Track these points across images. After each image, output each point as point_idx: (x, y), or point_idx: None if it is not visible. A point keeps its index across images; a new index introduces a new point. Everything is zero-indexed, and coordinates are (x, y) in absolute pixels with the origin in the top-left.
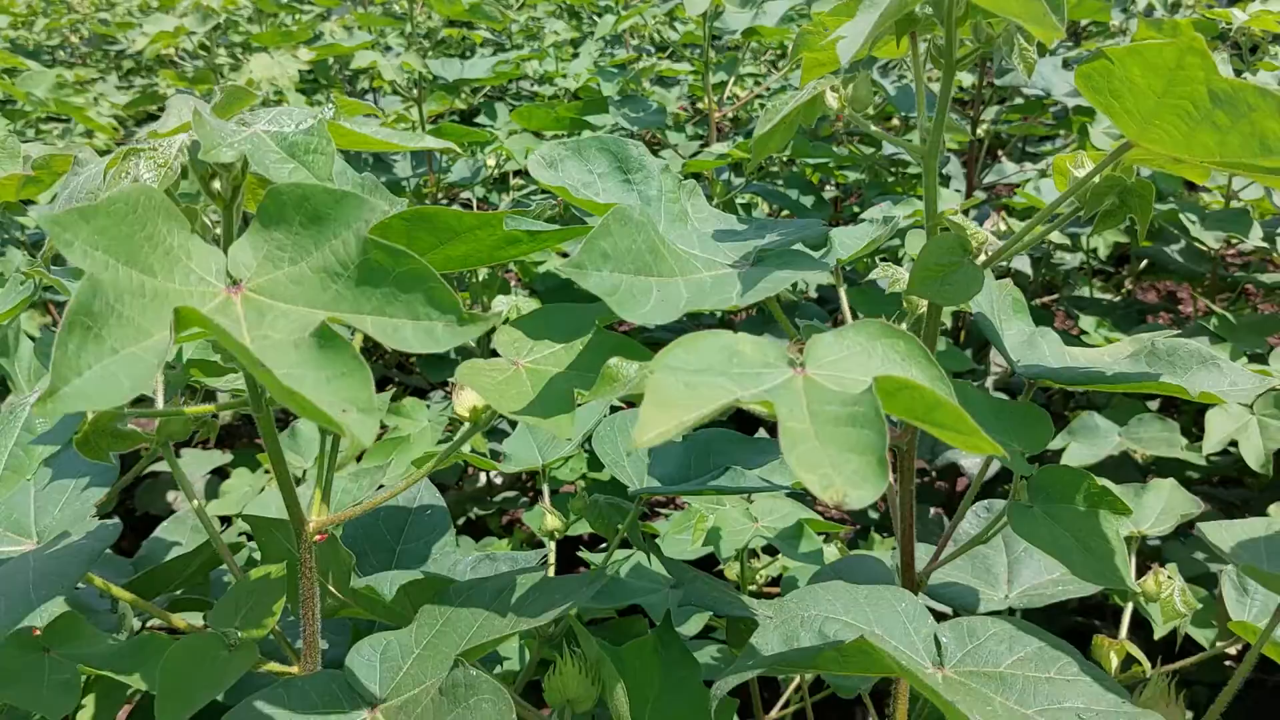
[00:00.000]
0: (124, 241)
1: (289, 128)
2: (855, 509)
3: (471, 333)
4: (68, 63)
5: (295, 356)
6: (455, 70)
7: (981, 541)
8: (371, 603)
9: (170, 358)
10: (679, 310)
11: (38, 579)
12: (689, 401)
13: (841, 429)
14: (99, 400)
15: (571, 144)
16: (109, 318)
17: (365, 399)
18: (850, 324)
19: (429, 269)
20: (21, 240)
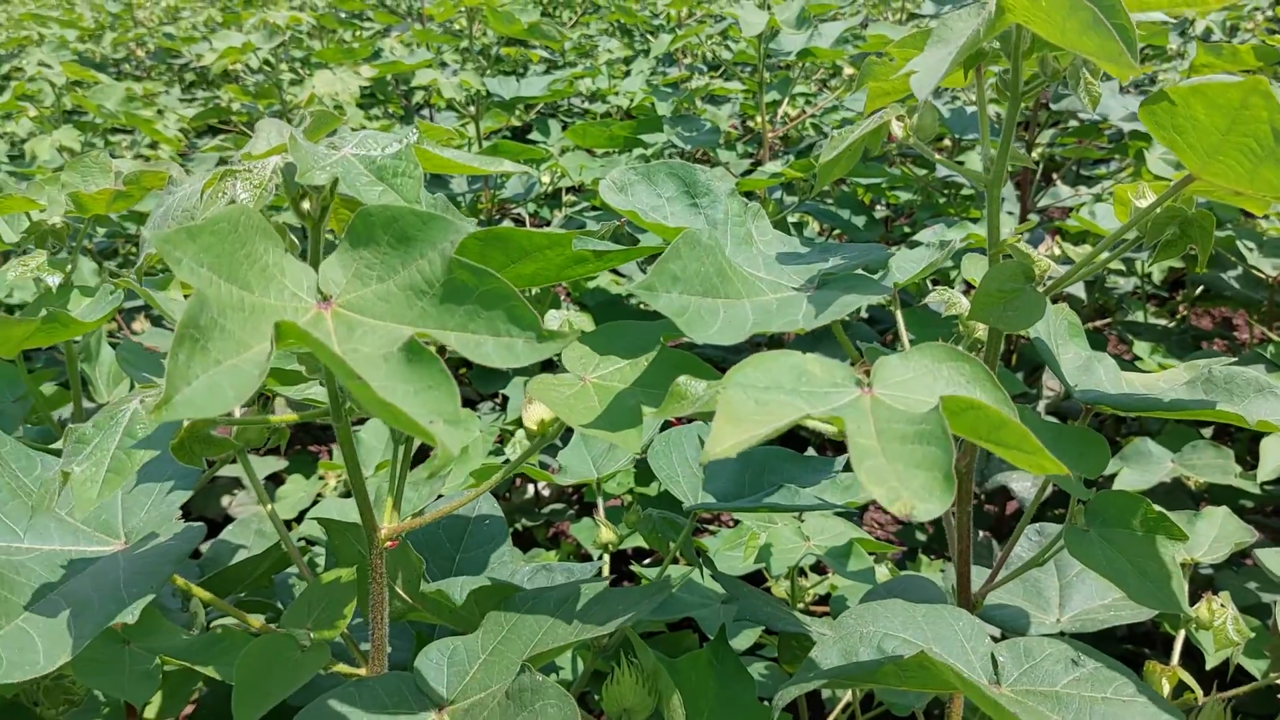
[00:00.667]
0: (226, 259)
1: (375, 152)
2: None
3: (551, 349)
4: (133, 76)
5: (385, 369)
6: (511, 88)
7: (1037, 564)
8: (440, 607)
9: (267, 371)
10: (745, 332)
11: (128, 577)
12: (760, 417)
13: (908, 446)
14: (206, 408)
15: (641, 169)
16: (213, 331)
17: (452, 411)
18: (916, 347)
19: (510, 288)
20: (89, 249)
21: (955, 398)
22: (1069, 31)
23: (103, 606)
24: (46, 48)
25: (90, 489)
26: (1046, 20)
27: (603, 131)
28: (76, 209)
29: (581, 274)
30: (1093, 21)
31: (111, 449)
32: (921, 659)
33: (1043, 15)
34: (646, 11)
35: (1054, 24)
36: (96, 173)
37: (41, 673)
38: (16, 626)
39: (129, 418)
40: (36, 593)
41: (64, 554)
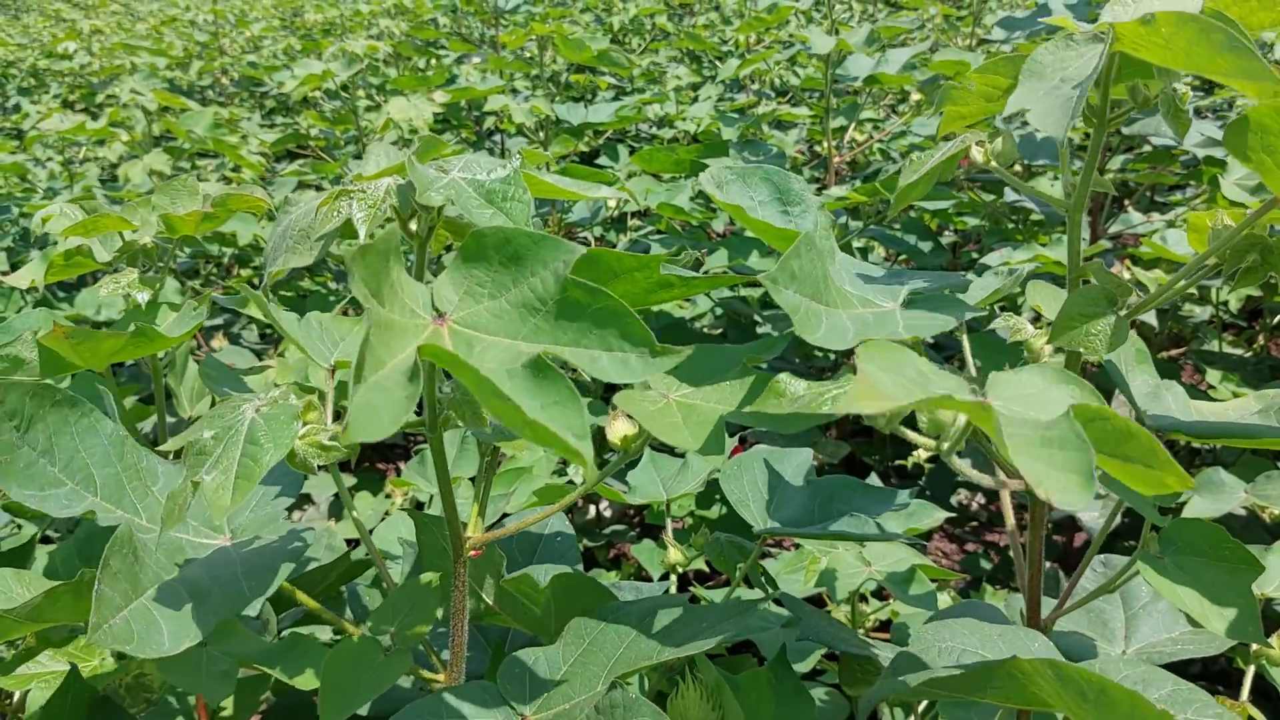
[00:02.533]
0: (376, 276)
1: (482, 175)
2: (1070, 510)
3: (664, 364)
4: (217, 102)
5: (511, 385)
6: (580, 114)
7: (1108, 590)
8: (519, 605)
9: (418, 392)
10: (849, 340)
11: (246, 571)
12: (898, 391)
13: (1038, 449)
14: (370, 429)
15: (737, 169)
16: (367, 349)
17: (580, 425)
18: (1026, 368)
19: (624, 306)
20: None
21: (1084, 406)
22: (1195, 56)
23: (224, 597)
24: (138, 76)
25: (223, 496)
26: (1165, 47)
27: (668, 157)
28: (166, 230)
29: (666, 299)
30: (1227, 42)
31: (237, 457)
32: (1012, 667)
33: (1161, 42)
34: (715, 38)
35: (1174, 50)
36: (185, 195)
37: (167, 654)
38: (142, 605)
39: (248, 427)
40: (157, 576)
41: (176, 542)
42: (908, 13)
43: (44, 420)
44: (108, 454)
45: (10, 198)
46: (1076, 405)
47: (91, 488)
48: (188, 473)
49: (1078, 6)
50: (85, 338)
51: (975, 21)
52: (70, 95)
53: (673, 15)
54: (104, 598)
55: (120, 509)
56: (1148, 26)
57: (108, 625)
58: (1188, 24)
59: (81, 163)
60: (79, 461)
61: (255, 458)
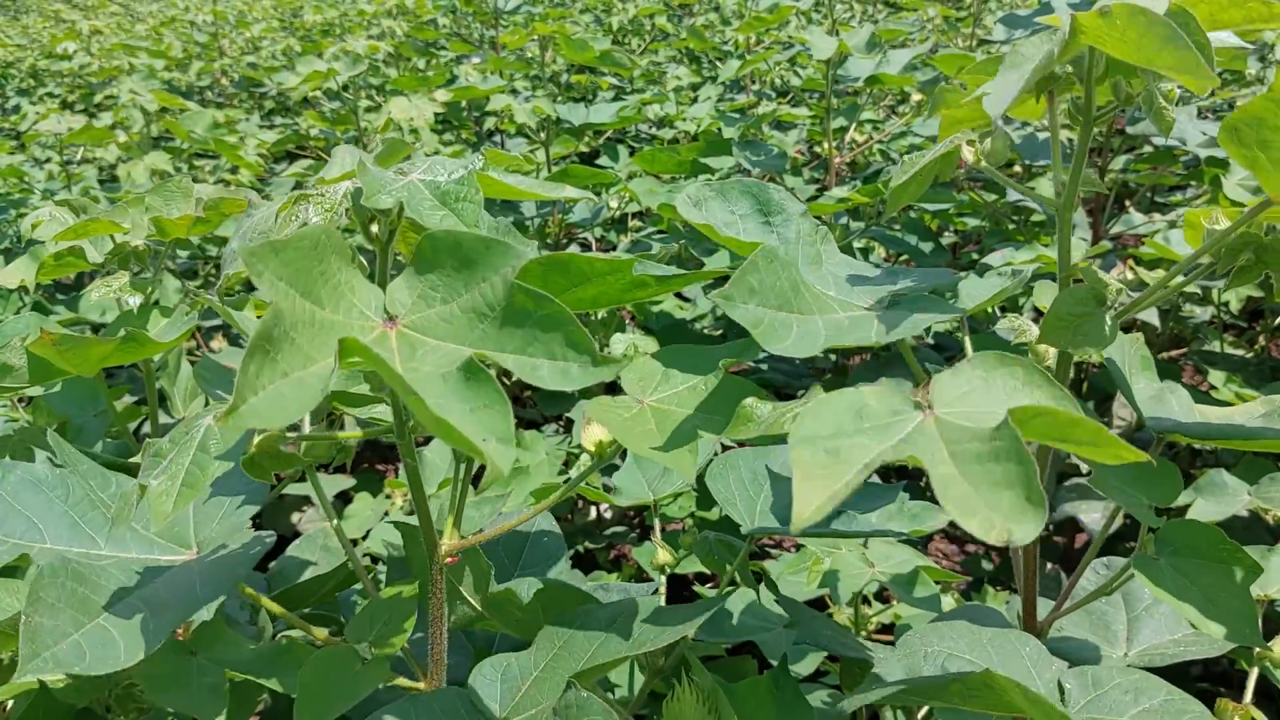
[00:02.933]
0: (303, 274)
1: (442, 177)
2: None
3: (604, 374)
4: (216, 103)
5: (442, 388)
6: (581, 114)
7: (1105, 593)
8: (506, 610)
9: (333, 385)
10: (819, 345)
11: (203, 580)
12: (835, 469)
13: (985, 465)
14: (271, 419)
15: (716, 185)
16: (284, 344)
17: (505, 430)
18: (965, 360)
19: (568, 313)
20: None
21: (1022, 407)
22: (1145, 48)
23: (178, 607)
24: (136, 77)
25: (165, 502)
26: (1121, 40)
27: (670, 157)
28: (158, 232)
29: (642, 297)
30: (1170, 35)
31: (186, 463)
32: (987, 678)
33: (1117, 34)
34: (716, 38)
35: (1128, 42)
36: (179, 197)
37: (122, 667)
38: (97, 624)
39: (202, 433)
40: (115, 594)
41: (140, 561)
42: (907, 13)
43: None
44: (50, 499)
45: (7, 199)
46: (1013, 408)
47: (37, 536)
48: (140, 475)
49: (1081, 6)
50: (73, 344)
51: (975, 22)
52: (69, 96)
53: (672, 16)
54: (39, 629)
55: (74, 545)
56: (1105, 18)
57: (48, 653)
58: (1137, 16)
59: (80, 163)
60: (16, 517)
61: (203, 466)
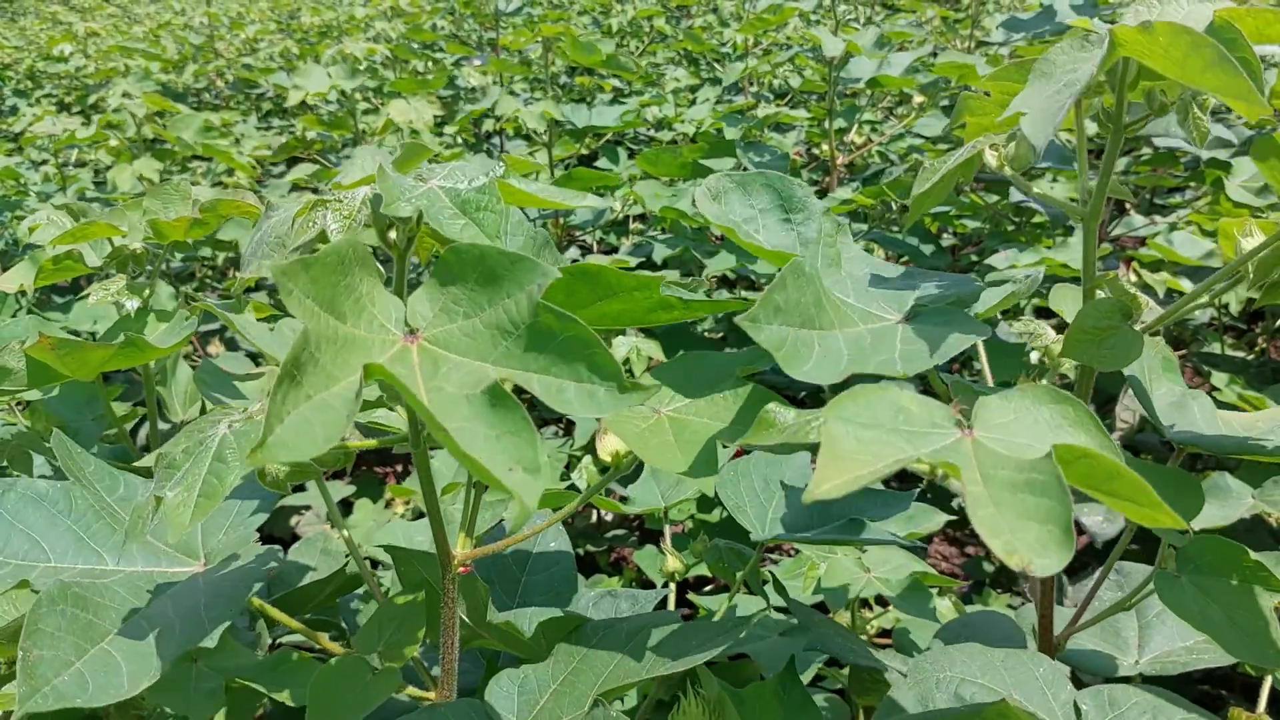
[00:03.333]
0: (329, 289)
1: (463, 184)
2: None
3: (632, 400)
4: (212, 105)
5: (466, 410)
6: (583, 117)
7: (1124, 608)
8: (508, 637)
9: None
10: (841, 372)
11: (209, 600)
12: (865, 457)
13: (1019, 495)
14: (297, 450)
15: (737, 177)
16: (309, 365)
17: (532, 459)
18: (1017, 388)
19: (593, 336)
20: (166, 273)
21: (1068, 446)
22: (1190, 68)
23: (184, 630)
24: (132, 79)
25: (183, 514)
26: (1164, 56)
27: (672, 159)
28: (156, 235)
29: (666, 320)
30: (1218, 58)
31: (202, 474)
32: (1002, 708)
33: (1160, 51)
34: (714, 40)
35: (1172, 60)
36: (176, 200)
37: (125, 696)
38: (101, 650)
39: (218, 443)
40: (119, 616)
41: (147, 576)
42: (905, 14)
43: None
44: (52, 515)
45: (4, 201)
46: (1059, 445)
47: (40, 555)
48: (154, 487)
49: (1083, 8)
50: (72, 349)
51: (973, 24)
52: (66, 98)
53: (670, 18)
54: (39, 662)
55: (79, 562)
56: (1147, 34)
57: (49, 687)
58: (1181, 36)
59: (76, 165)
60: (18, 537)
61: (220, 476)
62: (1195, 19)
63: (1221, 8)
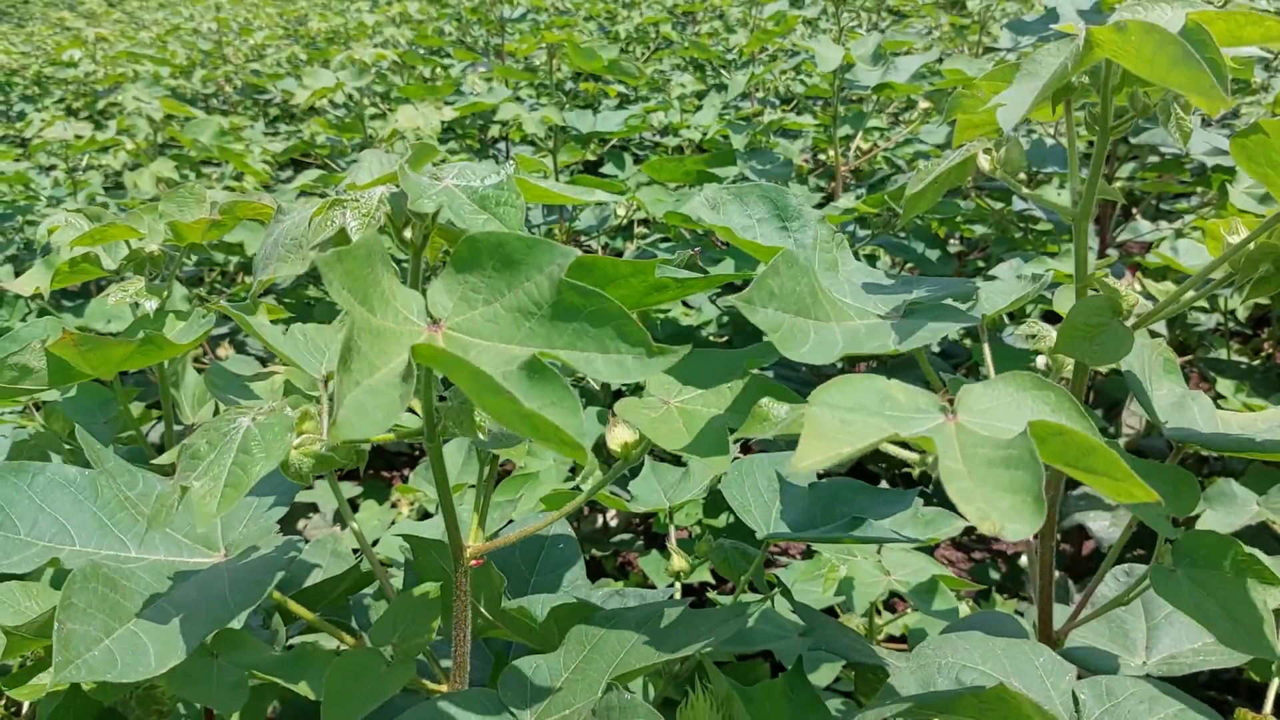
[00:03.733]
0: (361, 281)
1: (475, 182)
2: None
3: (660, 364)
4: (220, 110)
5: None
6: (588, 122)
7: (1122, 603)
8: (520, 624)
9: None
10: (836, 353)
11: (233, 585)
12: (844, 435)
13: (995, 470)
14: (360, 429)
15: (734, 189)
16: (354, 352)
17: (576, 425)
18: (1000, 376)
19: (619, 307)
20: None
21: (1043, 423)
22: (1158, 65)
23: (210, 612)
24: (141, 85)
25: (210, 503)
26: (1136, 55)
27: (677, 166)
28: (175, 237)
29: (662, 300)
30: (1182, 55)
31: (228, 465)
32: (1001, 691)
33: (1132, 50)
34: (719, 46)
35: (1143, 58)
36: (193, 203)
37: (153, 674)
38: (128, 630)
39: (242, 435)
40: (146, 600)
41: (169, 564)
42: (913, 20)
43: None
44: (79, 500)
45: (14, 205)
46: (1034, 421)
47: (66, 538)
48: (177, 478)
49: (1089, 13)
50: (95, 345)
51: (981, 29)
52: (74, 103)
53: (676, 24)
54: (72, 635)
55: (104, 548)
56: (1120, 33)
57: (81, 660)
58: (1151, 34)
59: (85, 170)
60: (45, 519)
61: (245, 467)
62: (1173, 21)
63: (1193, 10)
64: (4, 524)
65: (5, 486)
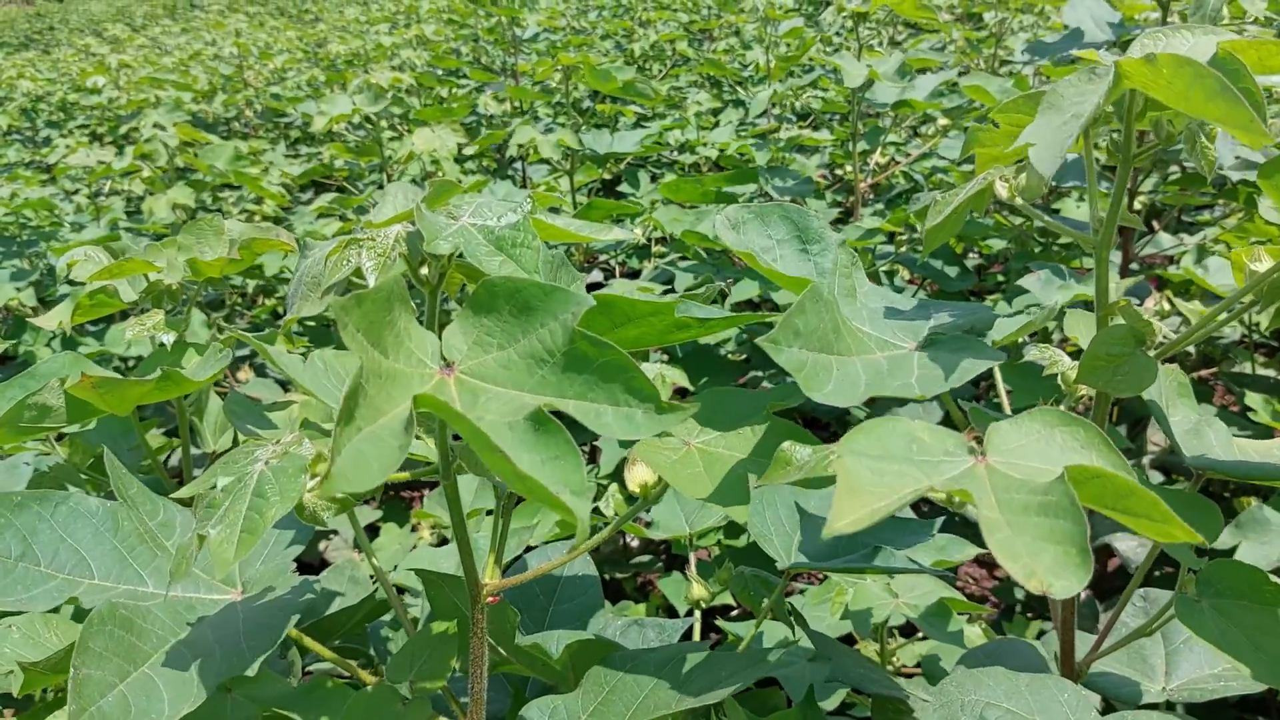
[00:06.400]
0: (376, 325)
1: (492, 220)
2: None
3: (670, 422)
4: (241, 134)
5: (511, 438)
6: (605, 143)
7: (1145, 634)
8: (536, 661)
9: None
10: (860, 395)
11: (248, 630)
12: (880, 489)
13: (1033, 518)
14: (356, 481)
15: (755, 209)
16: (359, 397)
17: (578, 481)
18: (1028, 412)
19: (629, 360)
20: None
21: (1080, 467)
22: (1194, 99)
23: (224, 658)
24: (163, 110)
25: (227, 550)
26: (1168, 87)
27: (695, 187)
28: (193, 274)
29: (684, 339)
30: (1220, 89)
31: (244, 510)
32: None
33: (1163, 83)
34: (735, 64)
35: (1175, 91)
36: (211, 237)
37: None
38: (143, 674)
39: (257, 480)
40: (160, 640)
41: (185, 601)
42: (929, 35)
43: (11, 526)
44: (99, 532)
45: (39, 231)
46: (1071, 466)
47: (86, 571)
48: (196, 525)
49: (1117, 27)
50: (112, 386)
51: (997, 42)
52: (98, 128)
53: (693, 41)
54: (87, 681)
55: (122, 582)
56: (1151, 66)
57: (95, 707)
58: (1184, 67)
59: (108, 195)
60: (66, 550)
61: (261, 511)
62: (1199, 51)
63: (1225, 39)
64: (26, 554)
65: (29, 515)
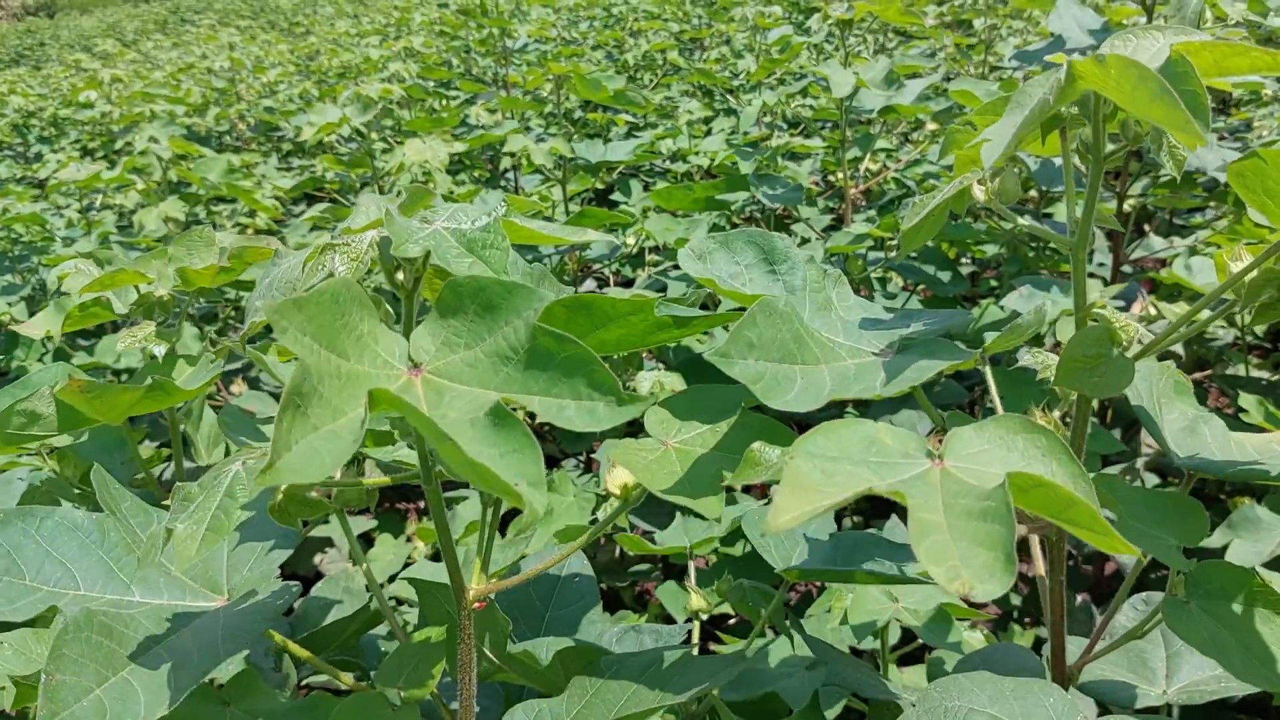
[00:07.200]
0: (326, 328)
1: (466, 225)
2: (982, 601)
3: (630, 413)
4: (234, 147)
5: (471, 433)
6: (598, 152)
7: (1137, 636)
8: (526, 668)
9: (363, 437)
10: (823, 398)
11: (226, 634)
12: (826, 488)
13: (974, 522)
14: (306, 474)
15: (720, 237)
16: (312, 398)
17: (535, 473)
18: (992, 418)
19: (591, 354)
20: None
21: (1023, 474)
22: (1139, 100)
23: (200, 661)
24: (156, 124)
25: (189, 545)
26: (1116, 88)
27: (686, 194)
28: (183, 283)
29: (665, 340)
30: (1159, 91)
31: (212, 509)
32: None
33: (1113, 83)
34: (726, 72)
35: (1123, 92)
36: (201, 247)
37: None
38: (121, 678)
39: (230, 479)
40: (141, 645)
41: (170, 608)
42: (919, 42)
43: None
44: (85, 544)
45: (30, 246)
46: (1014, 473)
47: (71, 583)
48: (168, 519)
49: (1098, 33)
50: (101, 392)
51: (986, 49)
52: (90, 143)
53: (683, 50)
54: (60, 687)
55: (108, 592)
56: (1100, 67)
57: (68, 712)
58: (1130, 69)
59: (99, 209)
60: (51, 564)
61: (228, 511)
62: (1160, 53)
63: (1180, 41)
64: (9, 569)
65: (13, 531)
